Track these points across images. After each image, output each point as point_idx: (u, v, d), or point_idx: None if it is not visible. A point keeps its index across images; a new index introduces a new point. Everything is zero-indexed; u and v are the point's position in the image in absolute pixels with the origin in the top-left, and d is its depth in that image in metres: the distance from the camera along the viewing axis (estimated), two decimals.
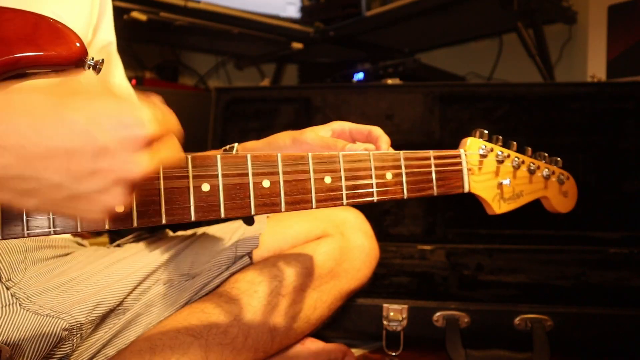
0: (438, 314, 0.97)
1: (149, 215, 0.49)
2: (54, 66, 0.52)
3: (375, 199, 0.63)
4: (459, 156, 0.70)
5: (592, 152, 1.44)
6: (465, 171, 0.70)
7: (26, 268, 0.70)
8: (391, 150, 0.68)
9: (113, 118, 0.39)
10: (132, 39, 2.00)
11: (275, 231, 0.88)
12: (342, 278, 0.88)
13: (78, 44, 0.53)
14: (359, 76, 1.80)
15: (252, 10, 1.80)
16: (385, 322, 0.98)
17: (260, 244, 0.84)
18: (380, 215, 1.51)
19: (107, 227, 0.47)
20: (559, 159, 0.79)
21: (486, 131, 0.73)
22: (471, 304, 0.98)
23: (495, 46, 2.07)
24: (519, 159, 0.74)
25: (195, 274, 0.80)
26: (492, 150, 0.72)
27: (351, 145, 0.66)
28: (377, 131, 0.70)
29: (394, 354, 0.99)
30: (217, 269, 0.81)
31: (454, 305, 0.98)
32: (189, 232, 0.90)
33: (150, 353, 0.69)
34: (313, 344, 0.87)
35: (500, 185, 0.73)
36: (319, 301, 0.84)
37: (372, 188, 0.63)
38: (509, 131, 1.47)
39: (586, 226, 1.41)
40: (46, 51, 0.51)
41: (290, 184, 0.57)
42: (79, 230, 0.46)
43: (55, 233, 0.46)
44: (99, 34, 0.83)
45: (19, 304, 0.65)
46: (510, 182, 0.73)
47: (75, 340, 0.68)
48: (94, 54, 0.73)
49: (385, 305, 0.99)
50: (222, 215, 0.53)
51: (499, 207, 0.73)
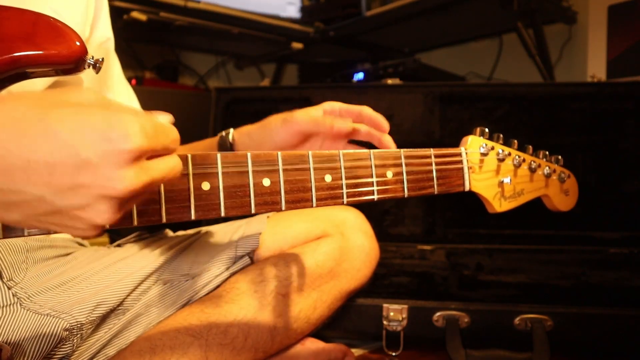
0: (438, 314, 0.97)
1: (149, 214, 0.49)
2: (54, 65, 0.52)
3: (375, 197, 0.63)
4: (459, 154, 0.70)
5: (592, 152, 1.43)
6: (466, 169, 0.70)
7: (27, 268, 0.70)
8: (392, 148, 0.68)
9: (97, 131, 0.37)
10: (132, 39, 2.00)
11: (275, 231, 0.88)
12: (342, 278, 0.88)
13: (78, 43, 0.52)
14: (359, 76, 1.79)
15: (252, 10, 1.80)
16: (385, 322, 0.98)
17: (260, 243, 0.84)
18: (380, 215, 1.51)
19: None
20: (559, 157, 0.79)
21: (487, 129, 0.72)
22: (471, 304, 0.98)
23: (495, 46, 2.07)
24: (519, 157, 0.74)
25: (195, 274, 0.80)
26: (492, 148, 0.72)
27: (340, 121, 0.67)
28: (367, 110, 0.71)
29: (394, 354, 0.99)
30: (217, 269, 0.81)
31: (454, 305, 0.98)
32: (189, 232, 0.90)
33: (150, 353, 0.69)
34: (313, 344, 0.87)
35: (501, 183, 0.73)
36: (319, 301, 0.84)
37: (373, 187, 0.63)
38: (509, 131, 1.44)
39: (586, 226, 1.41)
40: (46, 50, 0.51)
41: (291, 182, 0.57)
42: None
43: (55, 232, 0.45)
44: (96, 30, 0.82)
45: (20, 303, 0.65)
46: (511, 180, 0.73)
47: (75, 341, 0.67)
48: (92, 51, 0.73)
49: (385, 305, 0.99)
50: (223, 214, 0.53)
51: (499, 205, 0.73)
